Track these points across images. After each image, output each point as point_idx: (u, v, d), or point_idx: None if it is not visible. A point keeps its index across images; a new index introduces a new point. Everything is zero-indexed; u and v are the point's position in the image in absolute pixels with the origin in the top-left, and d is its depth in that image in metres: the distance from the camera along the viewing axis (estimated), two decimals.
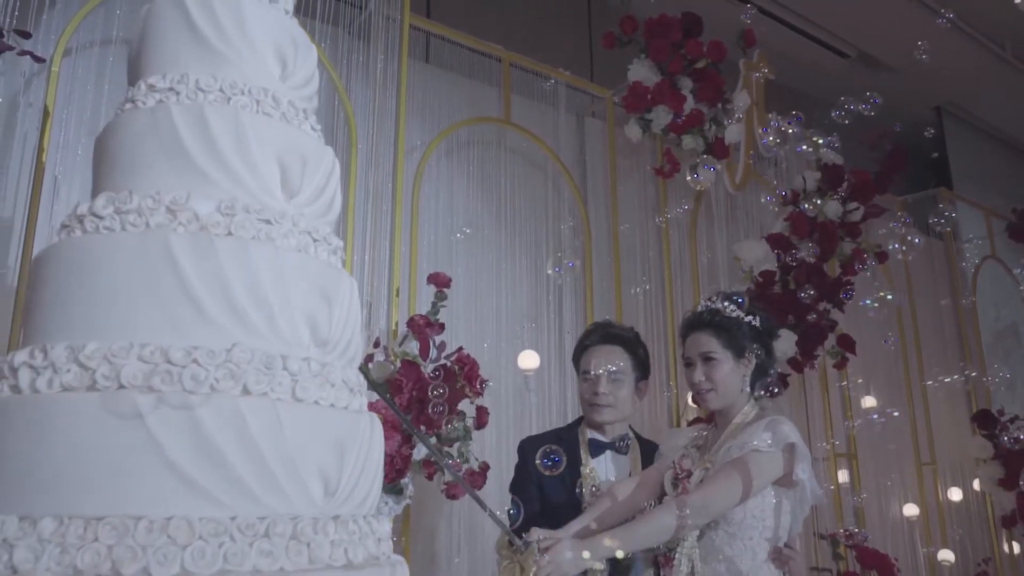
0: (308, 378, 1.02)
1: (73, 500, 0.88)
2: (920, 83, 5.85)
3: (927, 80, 5.82)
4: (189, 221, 1.02)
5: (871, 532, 4.12)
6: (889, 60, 5.70)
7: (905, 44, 4.91)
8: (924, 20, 5.28)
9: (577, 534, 1.88)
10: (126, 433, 0.90)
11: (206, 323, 0.98)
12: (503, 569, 1.78)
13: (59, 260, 1.04)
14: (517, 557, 1.73)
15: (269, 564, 0.91)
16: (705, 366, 2.01)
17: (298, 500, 0.96)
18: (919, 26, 5.35)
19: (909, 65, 5.37)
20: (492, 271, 3.31)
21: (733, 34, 3.85)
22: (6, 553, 0.86)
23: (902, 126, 4.05)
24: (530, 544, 1.71)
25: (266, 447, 0.94)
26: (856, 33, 5.48)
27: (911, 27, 5.34)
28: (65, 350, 0.96)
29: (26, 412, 0.95)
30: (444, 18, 3.62)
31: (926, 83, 5.89)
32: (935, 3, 5.19)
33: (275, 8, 1.25)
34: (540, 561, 1.71)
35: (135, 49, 1.23)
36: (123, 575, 0.85)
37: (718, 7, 4.84)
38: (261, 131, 1.12)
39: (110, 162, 1.11)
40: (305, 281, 1.08)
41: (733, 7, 4.91)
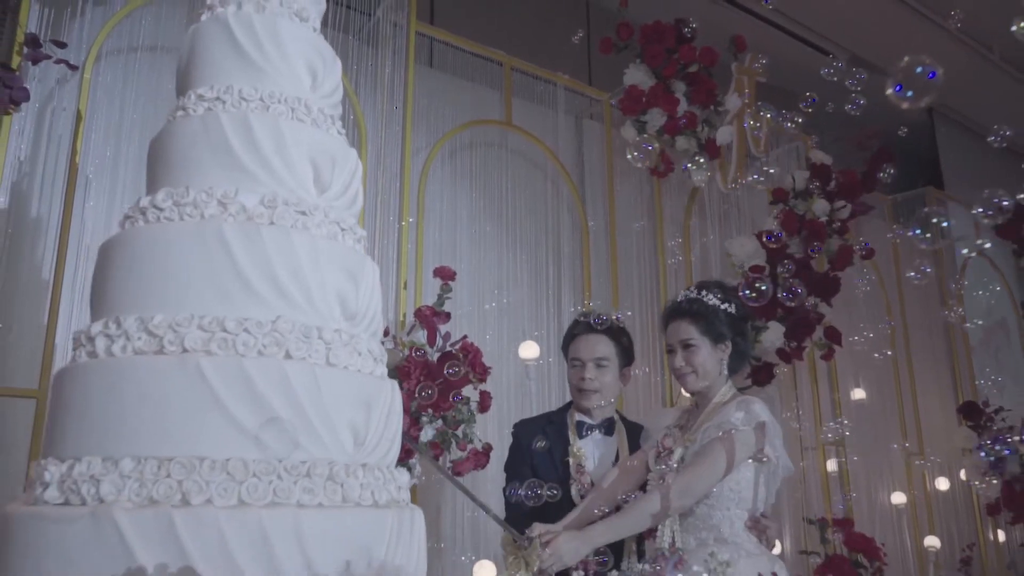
0: (339, 346, 1.21)
1: (147, 444, 1.07)
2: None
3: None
4: (238, 212, 1.21)
5: (860, 520, 4.30)
6: (880, 63, 5.88)
7: (895, 47, 5.09)
8: (913, 24, 5.48)
9: (573, 524, 2.05)
10: (190, 389, 1.09)
11: (254, 298, 1.17)
12: (509, 564, 1.92)
13: (126, 246, 1.22)
14: (521, 552, 1.89)
15: (310, 499, 1.09)
16: (685, 352, 2.17)
17: (333, 448, 1.15)
18: (908, 30, 5.55)
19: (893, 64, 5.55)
20: (494, 266, 3.49)
21: (726, 38, 4.04)
22: (93, 487, 1.04)
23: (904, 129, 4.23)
24: (532, 539, 1.87)
25: (306, 403, 1.13)
26: (847, 36, 5.66)
27: (901, 31, 5.53)
28: (136, 321, 1.14)
29: (103, 373, 1.13)
30: (447, 24, 3.80)
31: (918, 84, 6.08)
32: (926, 9, 5.39)
33: (305, 26, 1.44)
34: (542, 555, 1.89)
35: (183, 63, 1.41)
36: (191, 504, 1.03)
37: (712, 11, 5.04)
38: (296, 135, 1.30)
39: (166, 162, 1.30)
40: (335, 264, 1.26)
41: (727, 11, 5.11)
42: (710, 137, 3.72)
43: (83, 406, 1.12)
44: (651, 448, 2.22)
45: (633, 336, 2.66)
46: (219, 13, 1.38)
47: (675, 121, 3.66)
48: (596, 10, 4.96)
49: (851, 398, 4.66)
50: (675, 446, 2.16)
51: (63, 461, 1.09)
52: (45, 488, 1.08)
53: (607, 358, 2.42)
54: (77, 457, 1.08)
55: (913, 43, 5.20)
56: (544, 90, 3.92)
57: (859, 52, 5.82)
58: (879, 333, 4.68)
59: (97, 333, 1.15)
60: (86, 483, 1.04)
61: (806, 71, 5.81)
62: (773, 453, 2.06)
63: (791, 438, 4.16)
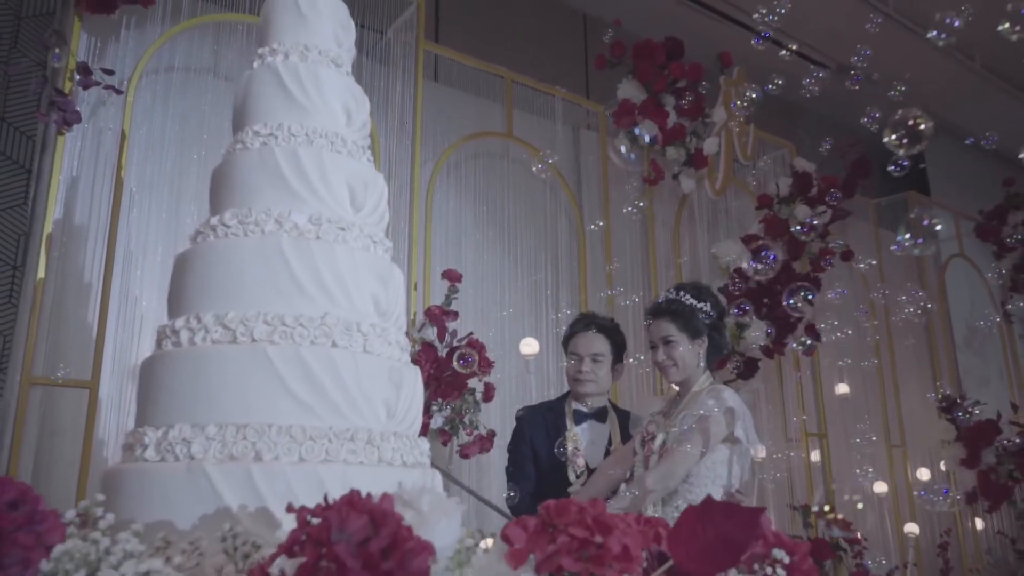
0: (374, 337, 1.51)
1: (227, 414, 1.37)
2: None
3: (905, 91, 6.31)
4: (291, 229, 1.51)
5: (842, 507, 4.60)
6: (867, 72, 6.18)
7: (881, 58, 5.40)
8: (898, 35, 5.78)
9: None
10: (259, 371, 1.39)
11: (305, 298, 1.47)
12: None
13: (201, 257, 1.53)
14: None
15: (353, 458, 1.39)
16: (666, 347, 2.46)
17: (371, 419, 1.45)
18: (894, 41, 5.84)
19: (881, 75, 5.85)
20: (496, 268, 3.80)
21: (717, 49, 4.34)
22: (186, 447, 1.34)
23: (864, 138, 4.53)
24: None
25: (349, 382, 1.43)
26: (835, 48, 5.96)
27: (886, 42, 5.82)
28: (213, 317, 1.44)
29: (188, 359, 1.43)
30: (452, 41, 4.10)
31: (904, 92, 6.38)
32: (913, 24, 5.69)
33: (340, 72, 1.74)
34: None
35: (239, 103, 1.71)
36: (263, 460, 1.33)
37: (704, 25, 5.34)
38: (336, 164, 1.61)
39: (229, 187, 1.60)
40: (369, 271, 1.57)
41: (718, 24, 5.41)
42: (698, 147, 4.03)
43: (172, 385, 1.42)
44: (637, 433, 2.52)
45: (626, 333, 2.97)
46: (270, 62, 1.68)
47: (665, 132, 3.96)
48: (593, 26, 5.26)
49: (835, 393, 4.97)
50: (658, 431, 2.46)
51: (158, 428, 1.39)
52: (144, 449, 1.38)
53: (602, 354, 2.74)
54: (170, 425, 1.38)
55: (899, 53, 5.49)
56: (543, 102, 4.23)
57: (846, 62, 6.12)
58: (862, 333, 4.99)
59: (181, 327, 1.46)
60: (179, 444, 1.34)
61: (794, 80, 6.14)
62: (743, 434, 2.36)
63: (776, 430, 4.47)
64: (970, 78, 6.27)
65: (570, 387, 2.82)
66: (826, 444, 4.58)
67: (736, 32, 5.37)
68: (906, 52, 5.81)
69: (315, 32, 1.73)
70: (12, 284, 3.37)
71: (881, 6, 5.62)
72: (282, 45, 1.71)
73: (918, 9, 5.75)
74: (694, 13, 5.30)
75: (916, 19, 5.78)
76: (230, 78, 3.27)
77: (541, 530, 0.93)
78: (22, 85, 3.54)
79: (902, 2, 5.70)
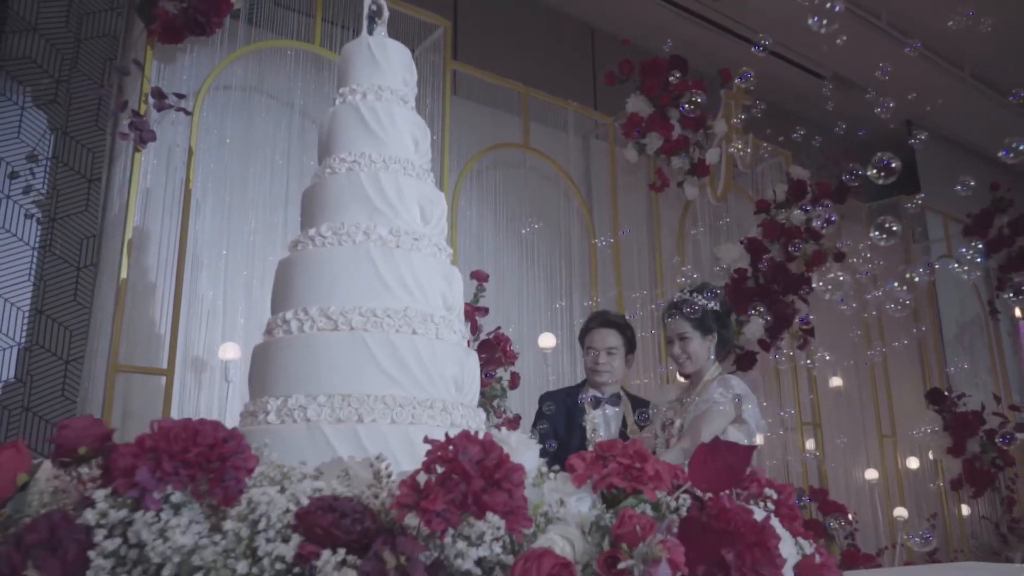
0: (443, 327, 1.90)
1: (334, 386, 1.76)
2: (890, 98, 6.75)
3: (897, 98, 6.73)
4: (376, 239, 1.90)
5: (836, 493, 5.00)
6: (861, 80, 6.59)
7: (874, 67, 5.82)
8: (889, 46, 6.19)
9: None
10: (358, 353, 1.78)
11: (391, 295, 1.86)
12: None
13: (302, 262, 1.92)
14: None
15: (432, 422, 1.78)
16: (681, 343, 2.88)
17: (443, 391, 1.84)
18: (886, 51, 6.25)
19: (878, 85, 6.27)
20: (515, 268, 4.21)
21: (720, 62, 4.74)
22: (302, 412, 1.73)
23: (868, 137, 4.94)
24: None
25: (427, 362, 1.82)
26: (831, 59, 6.37)
27: (880, 53, 6.23)
28: (318, 310, 1.84)
29: (299, 344, 1.82)
30: (469, 56, 4.50)
31: (896, 100, 6.80)
32: (900, 33, 6.10)
33: (408, 107, 2.14)
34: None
35: (325, 134, 2.11)
36: (364, 421, 1.72)
37: (709, 38, 5.74)
38: (408, 185, 2.00)
39: (321, 205, 1.99)
40: (437, 272, 1.96)
41: (722, 39, 5.81)
42: (700, 157, 4.43)
43: (287, 364, 1.81)
44: (657, 418, 2.93)
45: (635, 327, 3.37)
46: (351, 100, 2.08)
47: (670, 143, 4.36)
48: (600, 39, 5.67)
49: (830, 386, 5.37)
50: (675, 417, 2.86)
51: (278, 398, 1.78)
52: (267, 415, 1.77)
53: (616, 347, 3.14)
54: (288, 395, 1.77)
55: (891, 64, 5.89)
56: (556, 114, 4.63)
57: (841, 72, 6.54)
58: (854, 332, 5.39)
59: (291, 318, 1.85)
60: (297, 410, 1.74)
61: (792, 88, 6.55)
62: (749, 416, 2.77)
63: (772, 419, 4.86)
64: (960, 87, 6.68)
65: (588, 377, 3.22)
66: (820, 433, 4.98)
67: (733, 42, 5.78)
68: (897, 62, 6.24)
69: (386, 75, 2.13)
70: (77, 283, 3.77)
71: (875, 20, 6.03)
72: (360, 86, 2.10)
73: (911, 23, 6.17)
74: (695, 27, 5.70)
75: (908, 32, 6.19)
76: (276, 96, 3.67)
77: (596, 459, 1.33)
78: (82, 102, 3.95)
79: (894, 16, 6.12)
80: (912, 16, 6.00)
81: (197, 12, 2.93)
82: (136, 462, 1.20)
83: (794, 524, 1.60)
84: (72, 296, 3.73)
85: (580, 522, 1.28)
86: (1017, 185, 6.34)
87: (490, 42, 4.93)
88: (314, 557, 1.14)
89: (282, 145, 3.53)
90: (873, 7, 5.89)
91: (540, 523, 1.28)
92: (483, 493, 1.17)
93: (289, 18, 3.75)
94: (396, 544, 1.13)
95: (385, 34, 2.23)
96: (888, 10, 5.97)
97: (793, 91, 6.59)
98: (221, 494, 1.23)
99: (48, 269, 3.69)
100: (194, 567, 1.14)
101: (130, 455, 1.21)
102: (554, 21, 5.50)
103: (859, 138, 5.59)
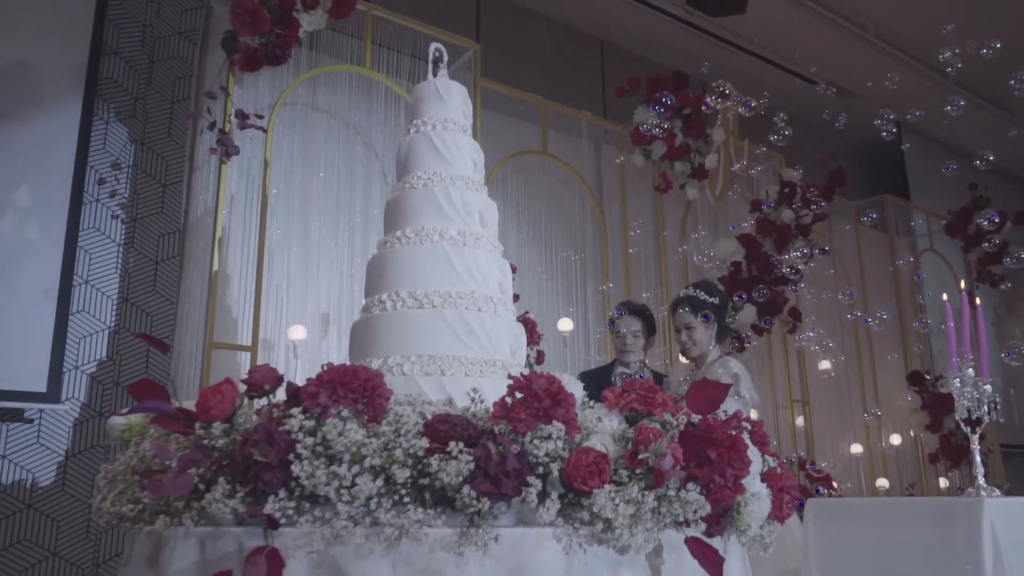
0: (500, 305, 2.57)
1: (420, 348, 2.42)
2: (881, 104, 7.41)
3: (886, 102, 7.38)
4: (449, 239, 2.56)
5: (824, 465, 5.65)
6: (851, 87, 7.25)
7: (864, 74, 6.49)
8: (877, 55, 6.86)
9: None
10: (439, 325, 2.44)
11: (461, 281, 2.53)
12: None
13: (391, 257, 2.58)
14: None
15: (493, 375, 2.44)
16: (687, 331, 3.55)
17: (503, 354, 2.50)
18: (873, 59, 6.91)
19: (866, 90, 6.93)
20: (537, 262, 4.87)
21: (721, 70, 5.39)
22: (399, 368, 2.40)
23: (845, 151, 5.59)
24: None
25: (490, 331, 2.48)
26: (823, 66, 7.02)
27: (867, 60, 6.90)
28: (406, 292, 2.50)
29: (393, 317, 2.49)
30: (493, 74, 5.15)
31: (886, 104, 7.46)
32: (888, 46, 6.76)
33: (467, 135, 2.80)
34: None
35: (403, 156, 2.77)
36: (445, 374, 2.38)
37: (714, 53, 6.40)
38: (471, 197, 2.66)
39: (403, 213, 2.65)
40: (494, 264, 2.62)
41: (726, 52, 6.46)
42: (700, 162, 5.09)
43: (386, 332, 2.47)
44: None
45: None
46: (423, 130, 2.74)
47: (673, 150, 5.02)
48: (609, 50, 6.32)
49: (819, 368, 6.03)
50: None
51: (378, 358, 2.44)
52: None
53: (639, 331, 3.81)
54: (386, 356, 2.43)
55: (879, 70, 6.55)
56: (571, 123, 5.29)
57: (833, 78, 7.19)
58: (843, 317, 6.05)
59: (385, 299, 2.51)
60: (395, 366, 2.40)
61: (787, 93, 7.20)
62: (745, 391, 3.43)
63: (766, 398, 5.53)
64: (943, 92, 7.33)
65: (617, 356, 3.90)
66: (808, 410, 5.65)
67: (738, 55, 6.43)
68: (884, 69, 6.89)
69: (450, 109, 2.79)
70: (155, 275, 4.45)
71: (864, 33, 6.69)
72: (430, 119, 2.76)
73: (898, 34, 6.83)
74: (698, 40, 6.35)
75: (897, 44, 6.85)
76: (327, 111, 4.34)
77: (622, 392, 1.99)
78: (156, 116, 4.63)
79: (882, 28, 6.78)
80: (899, 30, 6.65)
81: (275, 46, 3.58)
82: (319, 390, 1.86)
83: (764, 447, 2.27)
84: (152, 286, 4.42)
85: (612, 432, 1.94)
86: (993, 185, 7.00)
87: (510, 58, 5.58)
88: (440, 449, 1.80)
89: (334, 156, 4.19)
90: (861, 21, 6.55)
91: (585, 434, 1.94)
92: (550, 408, 1.83)
93: (341, 40, 4.40)
94: (496, 439, 1.78)
95: (446, 75, 2.90)
96: (875, 23, 6.63)
97: (787, 96, 7.24)
98: (372, 412, 1.89)
99: (132, 263, 4.36)
100: (362, 455, 1.80)
101: (314, 385, 1.87)
102: (566, 36, 6.16)
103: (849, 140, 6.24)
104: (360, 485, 1.74)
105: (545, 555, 1.79)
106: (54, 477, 3.98)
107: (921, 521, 2.49)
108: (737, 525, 2.08)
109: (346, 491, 1.75)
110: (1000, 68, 7.24)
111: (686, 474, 1.88)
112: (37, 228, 3.82)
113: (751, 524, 2.08)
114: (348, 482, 1.75)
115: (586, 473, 1.79)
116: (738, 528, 2.09)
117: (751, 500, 2.06)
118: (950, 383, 2.75)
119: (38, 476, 3.94)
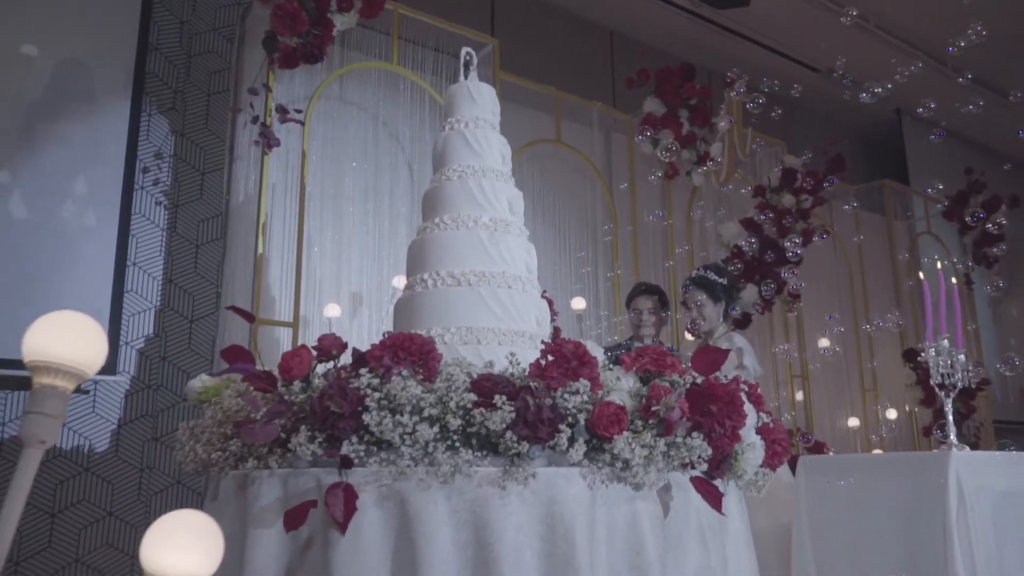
0: (527, 284, 2.95)
1: (461, 320, 2.80)
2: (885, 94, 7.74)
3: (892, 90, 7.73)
4: (482, 225, 2.94)
5: (822, 437, 6.04)
6: (852, 73, 7.58)
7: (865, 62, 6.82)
8: (877, 43, 7.18)
9: None
10: (475, 301, 2.82)
11: (493, 263, 2.90)
12: None
13: (431, 240, 2.96)
14: None
15: (523, 344, 2.82)
16: (697, 309, 3.94)
17: (530, 326, 2.89)
18: (874, 47, 7.24)
19: (867, 78, 7.26)
20: (552, 243, 5.24)
21: (726, 59, 5.73)
22: (441, 338, 2.78)
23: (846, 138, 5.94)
24: None
25: (520, 306, 2.87)
26: (826, 55, 7.35)
27: (868, 48, 7.23)
28: (446, 272, 2.88)
29: (435, 294, 2.87)
30: (509, 66, 5.50)
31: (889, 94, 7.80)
32: (888, 35, 7.08)
33: (496, 131, 3.17)
34: None
35: (439, 151, 3.14)
36: (481, 343, 2.77)
37: (719, 42, 6.73)
38: (501, 188, 3.04)
39: (442, 201, 3.03)
40: (521, 247, 3.00)
41: (732, 41, 6.80)
42: (706, 150, 5.44)
43: (428, 307, 2.85)
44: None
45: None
46: (457, 128, 3.11)
47: (680, 138, 5.38)
48: (618, 40, 6.66)
49: (818, 346, 6.42)
50: None
51: (422, 329, 2.82)
52: None
53: (654, 309, 4.19)
54: (430, 327, 2.81)
55: (879, 58, 6.89)
56: (583, 113, 5.65)
57: (833, 67, 7.52)
58: (841, 295, 6.42)
59: (427, 278, 2.89)
60: (437, 337, 2.78)
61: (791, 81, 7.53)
62: (748, 363, 3.82)
63: (768, 373, 5.92)
64: (941, 79, 7.67)
65: (633, 333, 4.29)
66: (807, 385, 6.04)
67: (745, 44, 6.77)
68: (884, 57, 7.22)
69: (481, 108, 3.16)
70: (196, 257, 4.84)
71: (866, 24, 7.01)
72: (463, 117, 3.13)
73: (898, 25, 7.16)
74: (704, 29, 6.69)
75: (898, 34, 7.17)
76: (356, 103, 4.70)
77: (637, 356, 2.38)
78: (195, 108, 5.00)
79: (884, 19, 7.10)
80: (900, 20, 6.98)
81: (312, 46, 3.94)
82: (383, 353, 2.25)
83: (760, 405, 2.65)
84: (193, 268, 4.81)
85: (629, 390, 2.33)
86: (990, 169, 7.35)
87: (524, 51, 5.93)
88: (486, 403, 2.18)
89: (364, 147, 4.57)
90: (863, 12, 6.88)
91: (606, 390, 2.32)
92: (577, 368, 2.22)
93: (370, 36, 4.76)
94: (533, 393, 2.17)
95: (476, 77, 3.26)
96: (875, 13, 6.96)
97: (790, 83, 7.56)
98: (426, 372, 2.28)
99: (174, 246, 4.75)
100: (421, 407, 2.18)
101: (379, 350, 2.26)
102: (577, 27, 6.50)
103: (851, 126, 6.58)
104: (420, 431, 2.13)
105: (573, 490, 2.18)
106: (108, 443, 4.39)
107: (898, 472, 2.89)
108: (735, 471, 2.47)
109: (408, 436, 2.14)
110: (997, 53, 7.58)
111: (691, 424, 2.26)
112: (94, 216, 4.20)
113: (747, 469, 2.47)
114: (410, 429, 2.14)
115: (608, 422, 2.18)
116: (736, 473, 2.48)
117: (747, 448, 2.45)
118: (927, 353, 3.12)
119: (94, 442, 4.36)
